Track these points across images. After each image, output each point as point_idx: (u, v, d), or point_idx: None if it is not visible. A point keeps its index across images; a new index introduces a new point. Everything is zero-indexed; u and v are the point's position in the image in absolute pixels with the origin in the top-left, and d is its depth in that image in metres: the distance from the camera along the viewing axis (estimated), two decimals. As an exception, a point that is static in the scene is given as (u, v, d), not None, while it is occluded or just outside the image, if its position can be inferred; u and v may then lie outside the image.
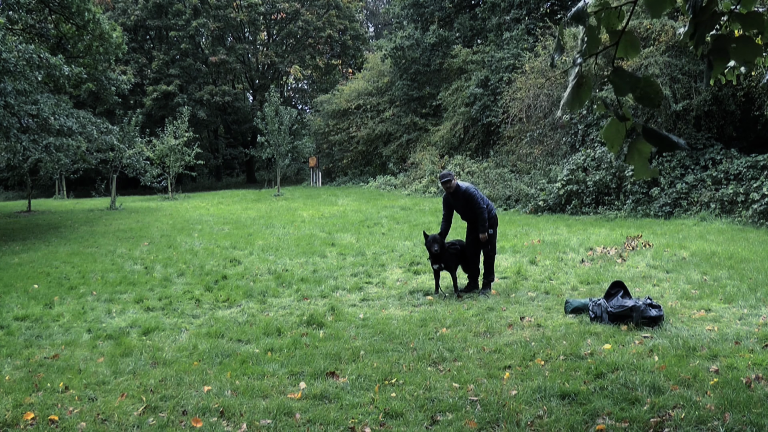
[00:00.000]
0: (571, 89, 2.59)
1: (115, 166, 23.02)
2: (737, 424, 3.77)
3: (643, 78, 2.42)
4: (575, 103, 2.59)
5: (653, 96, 2.42)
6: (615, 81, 2.45)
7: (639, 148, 2.47)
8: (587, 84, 2.57)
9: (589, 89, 2.57)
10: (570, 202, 15.58)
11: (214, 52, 41.10)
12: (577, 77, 2.57)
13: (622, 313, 5.95)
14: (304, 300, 7.60)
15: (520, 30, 22.64)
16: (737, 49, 2.54)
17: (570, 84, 2.60)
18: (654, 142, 2.41)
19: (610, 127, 2.53)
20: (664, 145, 2.40)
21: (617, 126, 2.51)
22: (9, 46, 12.77)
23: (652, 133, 2.41)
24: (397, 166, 27.15)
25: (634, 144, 2.48)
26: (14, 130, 13.51)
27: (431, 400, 4.31)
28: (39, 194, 33.58)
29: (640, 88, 2.42)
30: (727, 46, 2.54)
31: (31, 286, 8.72)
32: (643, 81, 2.41)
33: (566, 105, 2.61)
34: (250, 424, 4.06)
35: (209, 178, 44.83)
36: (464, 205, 7.70)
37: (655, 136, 2.40)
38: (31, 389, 4.76)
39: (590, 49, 2.60)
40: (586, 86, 2.57)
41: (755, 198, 12.20)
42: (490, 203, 7.81)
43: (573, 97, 2.59)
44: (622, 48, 2.60)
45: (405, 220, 15.15)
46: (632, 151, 2.49)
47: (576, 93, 2.58)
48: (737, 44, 2.54)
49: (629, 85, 2.43)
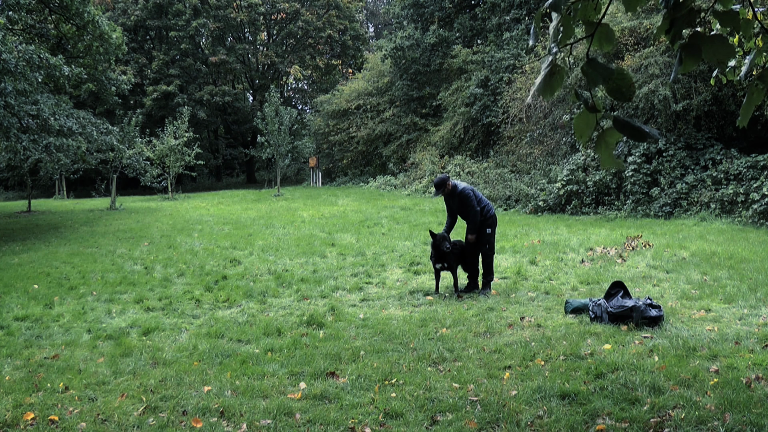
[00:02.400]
0: (543, 77, 2.61)
1: (115, 166, 23.03)
2: (737, 424, 3.77)
3: (616, 70, 2.43)
4: (546, 90, 2.62)
5: (625, 89, 2.44)
6: (588, 72, 2.46)
7: (606, 139, 2.50)
8: (559, 73, 2.59)
9: (561, 78, 2.60)
10: (570, 202, 15.58)
11: (214, 52, 41.12)
12: (550, 66, 2.59)
13: (622, 313, 5.95)
14: (304, 300, 7.60)
15: (520, 30, 22.65)
16: (710, 48, 2.55)
17: (542, 72, 2.62)
18: (625, 132, 2.43)
19: (581, 117, 2.55)
20: (636, 135, 2.41)
21: (587, 117, 2.54)
22: (9, 47, 12.77)
23: (623, 123, 2.43)
24: (397, 167, 27.15)
25: (603, 135, 2.51)
26: (14, 130, 13.51)
27: (431, 400, 4.31)
28: (39, 194, 33.57)
29: (613, 80, 2.43)
30: (701, 44, 2.56)
31: (31, 286, 8.72)
32: (616, 73, 2.43)
33: (537, 92, 2.64)
34: (250, 424, 4.06)
35: (209, 179, 44.85)
36: (459, 205, 7.75)
37: (626, 126, 2.42)
38: (31, 389, 4.76)
39: (564, 38, 2.62)
40: (558, 75, 2.59)
41: (755, 198, 12.20)
42: (488, 203, 7.83)
43: (545, 84, 2.61)
44: (597, 40, 2.61)
45: (405, 220, 15.15)
46: (600, 141, 2.52)
47: (548, 81, 2.60)
48: (711, 43, 2.55)
49: (602, 77, 2.44)
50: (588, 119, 2.54)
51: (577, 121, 2.57)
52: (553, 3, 2.57)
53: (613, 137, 2.49)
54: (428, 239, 11.74)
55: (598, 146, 2.54)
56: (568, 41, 2.62)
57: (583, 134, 2.57)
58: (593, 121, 2.53)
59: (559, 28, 2.62)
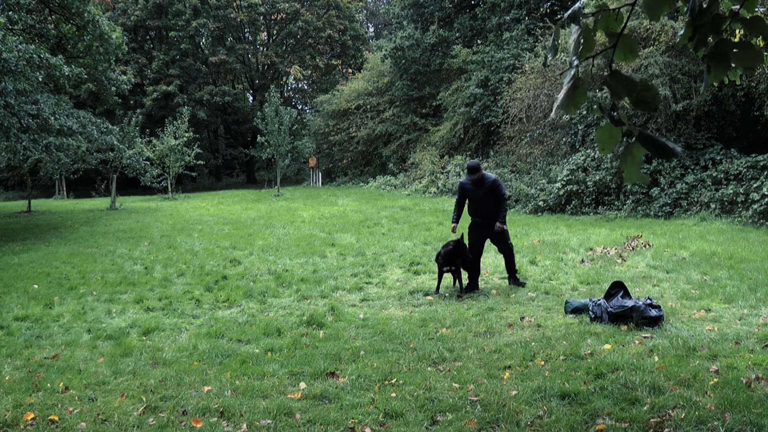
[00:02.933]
0: (566, 91, 2.56)
1: (115, 166, 23.03)
2: (737, 424, 3.77)
3: (641, 81, 2.38)
4: (570, 105, 2.57)
5: (650, 100, 2.38)
6: (612, 84, 2.41)
7: (633, 153, 2.45)
8: (582, 87, 2.54)
9: (584, 92, 2.54)
10: (570, 202, 15.58)
11: (214, 52, 41.12)
12: (573, 79, 2.54)
13: (622, 313, 5.95)
14: (304, 300, 7.60)
15: (520, 30, 22.64)
16: (738, 54, 2.49)
17: (565, 86, 2.57)
18: (650, 148, 2.38)
19: (604, 130, 2.50)
20: (660, 152, 2.37)
21: (611, 130, 2.49)
22: (9, 46, 12.77)
23: (648, 139, 2.38)
24: (397, 167, 27.15)
25: (629, 148, 2.45)
26: (14, 130, 13.51)
27: (431, 400, 4.31)
28: (39, 194, 33.57)
29: (637, 91, 2.39)
30: (728, 51, 2.50)
31: (31, 286, 8.72)
32: (640, 84, 2.38)
33: (561, 107, 2.58)
34: (250, 424, 4.06)
35: (209, 179, 44.84)
36: (487, 194, 7.64)
37: (651, 141, 2.38)
38: (31, 389, 4.76)
39: (585, 51, 2.57)
40: (582, 89, 2.54)
41: (755, 198, 12.20)
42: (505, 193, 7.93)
43: (568, 99, 2.56)
44: (620, 52, 2.56)
45: (405, 220, 15.15)
46: (626, 155, 2.46)
47: (571, 95, 2.55)
48: (738, 50, 2.49)
49: (626, 89, 2.40)
50: (612, 133, 2.48)
51: (600, 134, 2.51)
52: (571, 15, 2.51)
53: (639, 151, 2.43)
54: (428, 239, 11.74)
55: (624, 160, 2.47)
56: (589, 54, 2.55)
57: (606, 147, 2.51)
58: (618, 134, 2.47)
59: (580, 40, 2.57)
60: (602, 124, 2.51)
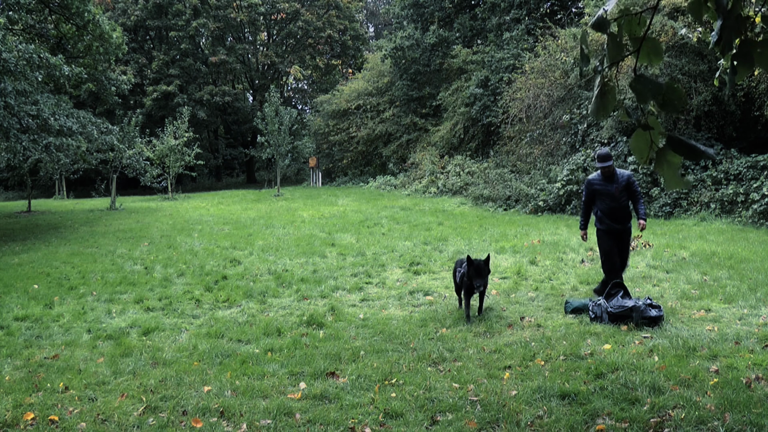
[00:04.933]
0: (595, 98, 2.53)
1: (115, 166, 23.02)
2: (737, 424, 3.77)
3: (666, 84, 2.34)
4: (601, 111, 2.53)
5: (677, 102, 2.33)
6: (637, 88, 2.36)
7: (669, 159, 2.36)
8: (611, 92, 2.50)
9: (613, 97, 2.51)
10: (570, 202, 15.58)
11: (214, 52, 41.09)
12: (601, 86, 2.51)
13: (622, 314, 5.95)
14: (304, 300, 7.60)
15: (520, 30, 22.64)
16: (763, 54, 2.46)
17: (594, 92, 2.54)
18: (681, 152, 2.31)
19: (638, 138, 2.43)
20: (691, 154, 2.30)
21: (643, 136, 2.41)
22: (9, 46, 12.78)
23: (679, 143, 2.31)
24: (397, 167, 27.15)
25: (663, 154, 2.37)
26: (14, 131, 13.51)
27: (431, 400, 4.31)
28: (39, 194, 33.57)
29: (663, 94, 2.34)
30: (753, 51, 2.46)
31: (31, 286, 8.72)
32: (665, 87, 2.33)
33: (592, 114, 2.55)
34: (250, 424, 4.06)
35: (209, 179, 44.83)
36: (623, 190, 6.80)
37: (682, 145, 2.31)
38: (31, 389, 4.76)
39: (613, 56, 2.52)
40: (611, 94, 2.50)
41: (755, 198, 12.20)
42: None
43: (598, 106, 2.53)
44: (644, 54, 2.52)
45: (405, 220, 15.15)
46: (661, 161, 2.37)
47: (601, 101, 2.52)
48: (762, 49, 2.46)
49: (652, 92, 2.35)
50: (645, 138, 2.41)
51: (634, 142, 2.43)
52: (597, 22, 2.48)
53: (677, 158, 2.35)
54: (428, 239, 11.74)
55: (660, 166, 2.38)
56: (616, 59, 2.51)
57: (643, 154, 2.42)
58: (650, 139, 2.40)
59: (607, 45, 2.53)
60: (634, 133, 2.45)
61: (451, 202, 19.13)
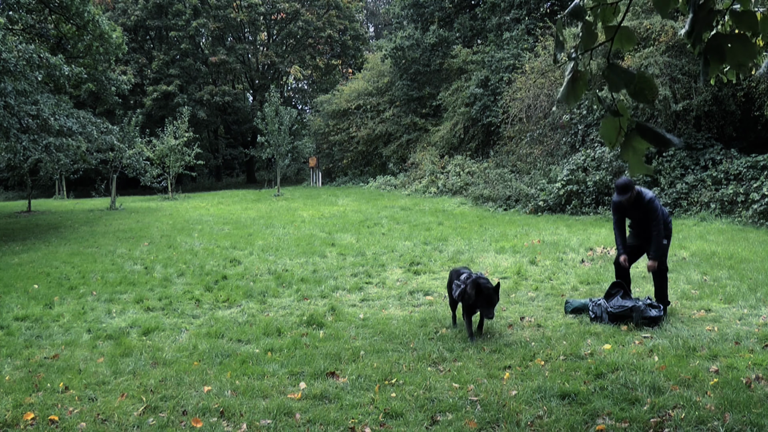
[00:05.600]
0: (566, 84, 2.60)
1: (115, 166, 23.02)
2: (737, 425, 3.77)
3: (638, 74, 2.42)
4: (570, 97, 2.61)
5: (647, 91, 2.42)
6: (610, 77, 2.45)
7: (634, 145, 2.46)
8: (582, 79, 2.58)
9: (584, 84, 2.58)
10: (570, 202, 15.58)
11: (214, 52, 41.11)
12: (573, 72, 2.58)
13: (622, 313, 5.95)
14: (304, 300, 7.60)
15: (520, 30, 22.65)
16: (733, 49, 2.51)
17: (566, 78, 2.62)
18: (648, 138, 2.41)
19: (607, 123, 2.54)
20: (658, 142, 2.40)
21: (613, 122, 2.52)
22: (9, 46, 12.78)
23: (646, 130, 2.41)
24: (397, 167, 27.15)
25: (629, 140, 2.47)
26: (14, 131, 13.51)
27: (431, 400, 4.31)
28: (39, 194, 33.57)
29: (635, 83, 2.43)
30: (724, 45, 2.52)
31: (31, 286, 8.72)
32: (637, 77, 2.42)
33: (562, 99, 2.63)
34: (250, 424, 4.06)
35: (209, 178, 44.84)
36: (643, 217, 6.32)
37: (649, 132, 2.41)
38: (31, 389, 4.76)
39: (586, 44, 2.61)
40: (582, 81, 2.58)
41: (755, 198, 12.20)
42: (664, 211, 6.44)
43: (568, 91, 2.61)
44: (617, 42, 2.61)
45: (405, 220, 15.15)
46: (627, 147, 2.48)
47: (571, 87, 2.60)
48: (733, 44, 2.51)
49: (624, 81, 2.43)
50: (614, 124, 2.51)
51: (603, 128, 2.54)
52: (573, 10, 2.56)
53: (641, 144, 2.44)
54: (428, 239, 11.74)
55: (625, 151, 2.47)
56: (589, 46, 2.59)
57: (611, 139, 2.53)
58: (618, 125, 2.50)
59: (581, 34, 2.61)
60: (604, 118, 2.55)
61: (451, 202, 19.13)
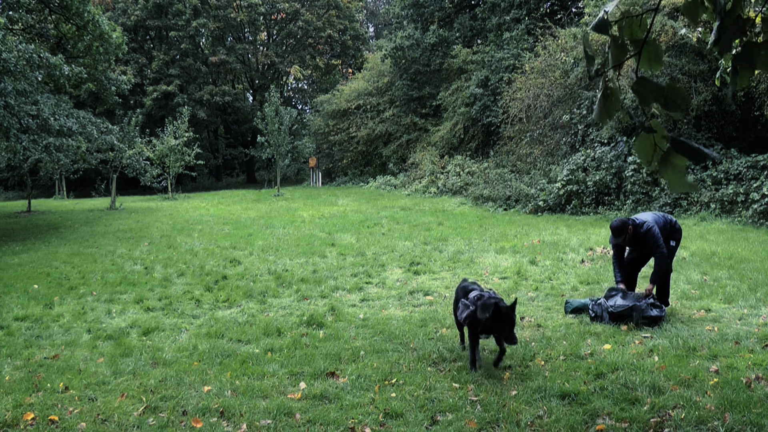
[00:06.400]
0: (599, 101, 2.52)
1: (115, 166, 23.03)
2: (737, 424, 3.77)
3: (668, 85, 2.32)
4: (604, 115, 2.51)
5: (679, 102, 2.32)
6: (639, 91, 2.34)
7: (673, 161, 2.31)
8: (614, 95, 2.48)
9: (617, 100, 2.49)
10: (570, 203, 15.58)
11: (214, 52, 41.10)
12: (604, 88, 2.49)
13: (623, 313, 5.95)
14: (304, 300, 7.60)
15: (520, 30, 22.64)
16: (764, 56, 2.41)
17: (598, 96, 2.54)
18: (684, 154, 2.28)
19: (641, 141, 2.40)
20: (694, 156, 2.27)
21: (648, 139, 2.37)
22: (9, 46, 12.77)
23: (681, 145, 2.28)
24: (397, 167, 27.15)
25: (667, 157, 2.32)
26: (14, 131, 13.51)
27: (431, 400, 4.31)
28: (39, 194, 33.56)
29: (665, 95, 2.32)
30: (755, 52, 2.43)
31: (31, 286, 8.72)
32: (667, 88, 2.32)
33: (596, 118, 2.54)
34: (250, 424, 4.06)
35: (209, 178, 44.82)
36: (642, 246, 6.35)
37: (685, 147, 2.28)
38: (31, 389, 4.76)
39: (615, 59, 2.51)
40: (614, 97, 2.49)
41: (755, 198, 12.20)
42: (670, 219, 6.44)
43: (601, 109, 2.51)
44: (645, 59, 2.50)
45: (405, 220, 15.15)
46: (666, 165, 2.33)
47: (604, 105, 2.51)
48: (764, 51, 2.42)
49: (653, 94, 2.33)
50: (649, 141, 2.37)
51: (638, 145, 2.40)
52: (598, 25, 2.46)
53: (681, 160, 2.29)
54: (428, 239, 11.74)
55: (664, 170, 2.32)
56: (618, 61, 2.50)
57: (648, 157, 2.38)
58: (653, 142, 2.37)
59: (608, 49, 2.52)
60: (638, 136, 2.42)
61: (451, 202, 19.13)
